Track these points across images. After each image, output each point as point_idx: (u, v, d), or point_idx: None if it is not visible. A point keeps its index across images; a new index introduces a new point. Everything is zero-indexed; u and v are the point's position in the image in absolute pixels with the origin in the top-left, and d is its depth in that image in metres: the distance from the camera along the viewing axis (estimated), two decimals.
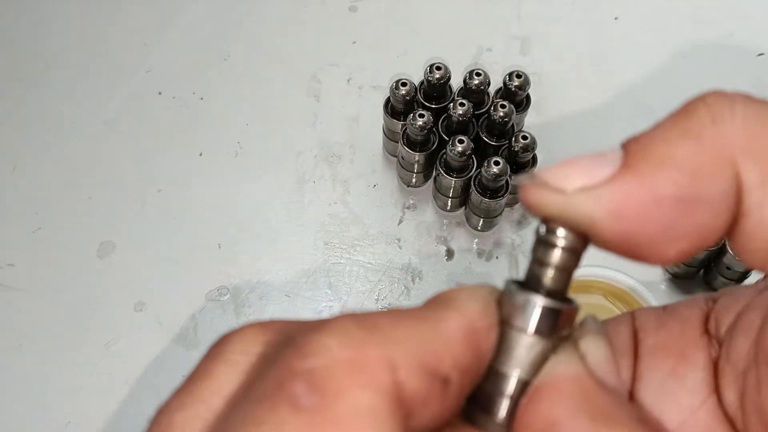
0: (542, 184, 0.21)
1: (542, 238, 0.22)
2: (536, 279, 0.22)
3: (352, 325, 0.19)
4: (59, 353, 0.49)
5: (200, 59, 0.58)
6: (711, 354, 0.24)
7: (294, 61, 0.58)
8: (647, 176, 0.20)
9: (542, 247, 0.22)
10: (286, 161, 0.55)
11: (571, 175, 0.21)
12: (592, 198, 0.20)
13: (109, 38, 0.59)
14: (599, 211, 0.20)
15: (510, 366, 0.21)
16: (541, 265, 0.22)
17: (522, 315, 0.21)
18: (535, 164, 0.50)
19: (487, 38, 0.59)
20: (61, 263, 0.51)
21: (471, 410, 0.22)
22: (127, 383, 0.48)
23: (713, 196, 0.19)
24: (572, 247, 0.21)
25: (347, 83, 0.57)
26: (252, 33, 0.59)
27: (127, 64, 0.58)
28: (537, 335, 0.21)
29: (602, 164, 0.20)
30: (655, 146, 0.20)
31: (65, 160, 0.55)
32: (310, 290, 0.51)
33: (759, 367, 0.22)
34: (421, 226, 0.53)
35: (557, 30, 0.59)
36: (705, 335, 0.25)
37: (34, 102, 0.57)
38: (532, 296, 0.21)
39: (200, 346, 0.49)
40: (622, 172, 0.20)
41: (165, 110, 0.57)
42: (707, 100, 0.20)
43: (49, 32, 0.59)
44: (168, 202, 0.53)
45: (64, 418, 0.47)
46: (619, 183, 0.20)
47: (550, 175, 0.21)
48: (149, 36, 0.59)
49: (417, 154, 0.50)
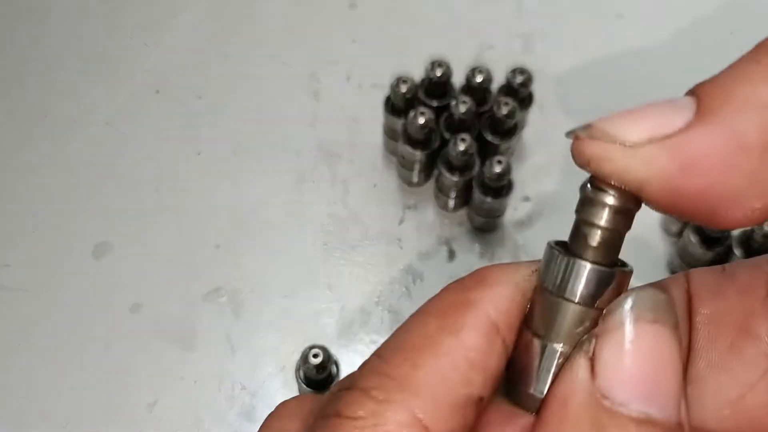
0: (602, 135, 0.18)
1: (590, 197, 0.19)
2: (583, 241, 0.19)
3: (371, 385, 0.19)
4: (56, 354, 0.48)
5: (199, 58, 0.58)
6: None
7: (293, 60, 0.58)
8: (730, 121, 0.17)
9: (590, 207, 0.19)
10: (285, 160, 0.54)
11: (638, 125, 0.18)
12: (666, 149, 0.18)
13: (107, 37, 0.59)
14: (674, 164, 0.17)
15: (552, 339, 0.19)
16: (589, 226, 0.19)
17: (566, 281, 0.19)
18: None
19: (489, 35, 0.58)
20: (57, 264, 0.51)
21: (510, 386, 0.21)
22: (124, 384, 0.47)
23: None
24: (626, 207, 0.19)
25: (347, 81, 0.57)
26: (251, 31, 0.59)
27: (125, 63, 0.58)
28: (582, 303, 0.19)
29: (673, 112, 0.18)
30: (737, 87, 0.18)
31: (62, 160, 0.54)
32: (309, 291, 0.50)
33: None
34: (422, 226, 0.52)
35: (560, 27, 0.59)
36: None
37: (32, 101, 0.56)
38: (578, 260, 0.19)
39: (197, 348, 0.48)
40: (699, 118, 0.18)
41: (163, 109, 0.56)
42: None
43: (47, 32, 0.59)
44: (165, 202, 0.53)
45: (62, 419, 0.47)
46: (697, 131, 0.17)
47: (611, 125, 0.18)
48: (147, 35, 0.59)
49: (418, 152, 0.49)
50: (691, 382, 0.23)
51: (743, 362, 0.23)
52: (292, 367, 0.47)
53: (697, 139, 0.18)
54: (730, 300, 0.23)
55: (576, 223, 0.20)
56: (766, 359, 0.23)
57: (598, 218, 0.19)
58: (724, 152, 0.17)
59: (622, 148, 0.18)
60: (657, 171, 0.18)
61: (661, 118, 0.18)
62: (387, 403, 0.18)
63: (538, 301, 0.20)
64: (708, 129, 0.17)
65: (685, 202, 0.18)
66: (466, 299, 0.20)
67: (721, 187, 0.18)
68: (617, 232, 0.19)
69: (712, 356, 0.23)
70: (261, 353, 0.48)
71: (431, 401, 0.18)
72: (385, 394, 0.19)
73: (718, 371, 0.23)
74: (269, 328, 0.49)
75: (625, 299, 0.19)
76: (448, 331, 0.19)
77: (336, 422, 0.19)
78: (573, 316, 0.19)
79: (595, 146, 0.18)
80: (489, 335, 0.19)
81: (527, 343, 0.20)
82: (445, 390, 0.19)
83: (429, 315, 0.20)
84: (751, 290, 0.23)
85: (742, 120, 0.17)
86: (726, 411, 0.23)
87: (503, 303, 0.20)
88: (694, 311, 0.24)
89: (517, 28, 0.59)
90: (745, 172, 0.17)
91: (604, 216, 0.19)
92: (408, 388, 0.19)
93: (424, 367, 0.19)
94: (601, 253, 0.19)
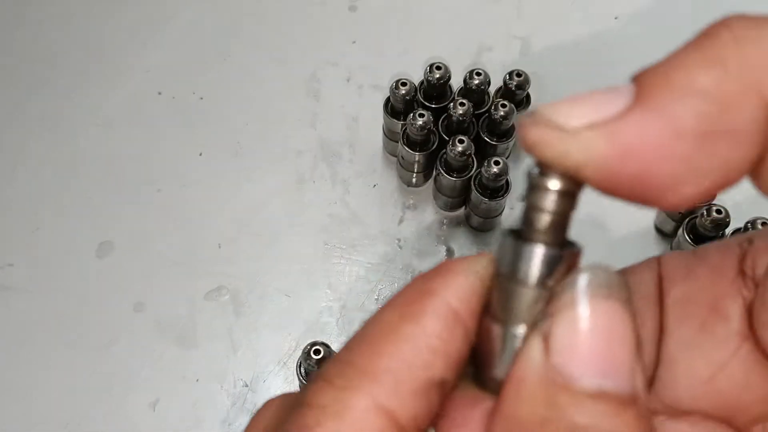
0: (544, 121, 0.19)
1: (535, 182, 0.20)
2: (531, 225, 0.20)
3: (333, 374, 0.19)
4: (58, 353, 0.49)
5: (200, 59, 0.58)
6: (745, 297, 0.23)
7: (293, 61, 0.58)
8: (666, 107, 0.18)
9: (535, 192, 0.20)
10: (286, 161, 0.54)
11: (578, 111, 0.18)
12: (603, 135, 0.18)
13: (108, 38, 0.59)
14: (611, 149, 0.18)
15: (511, 323, 0.20)
16: (535, 211, 0.20)
17: (518, 265, 0.20)
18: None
19: (487, 37, 0.59)
20: (60, 263, 0.51)
21: (476, 372, 0.21)
22: (127, 384, 0.48)
23: (740, 127, 0.17)
24: (570, 190, 0.20)
25: (347, 83, 0.57)
26: (252, 32, 0.59)
27: (126, 64, 0.58)
28: (535, 286, 0.20)
29: (613, 98, 0.18)
30: (674, 74, 0.18)
31: (65, 160, 0.55)
32: (310, 290, 0.51)
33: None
34: (422, 226, 0.53)
35: (557, 29, 0.59)
36: (740, 276, 0.23)
37: (34, 102, 0.57)
38: (527, 244, 0.20)
39: (199, 346, 0.49)
40: (637, 104, 0.18)
41: (164, 110, 0.56)
42: (730, 23, 0.18)
43: (48, 32, 0.59)
44: (167, 202, 0.53)
45: (64, 419, 0.47)
46: (633, 117, 0.18)
47: (553, 110, 0.19)
48: (149, 36, 0.59)
49: (417, 153, 0.50)
50: (663, 363, 0.24)
51: (714, 342, 0.23)
52: (294, 365, 0.47)
53: (634, 124, 0.18)
54: (701, 281, 0.23)
55: (524, 208, 0.20)
56: (737, 338, 0.23)
57: (544, 202, 0.20)
58: (659, 138, 0.18)
59: (563, 133, 0.18)
60: (594, 156, 0.18)
61: (601, 104, 0.18)
62: (349, 390, 0.19)
63: (495, 287, 0.21)
64: (644, 115, 0.18)
65: (622, 185, 0.18)
66: (427, 289, 0.20)
67: (657, 171, 0.18)
68: (563, 214, 0.20)
69: (684, 336, 0.23)
70: (262, 351, 0.49)
71: (393, 386, 0.19)
72: (347, 381, 0.19)
73: (689, 351, 0.23)
74: (270, 326, 0.49)
75: (577, 277, 0.19)
76: (408, 320, 0.20)
77: (301, 412, 0.19)
78: (528, 298, 0.20)
79: (538, 131, 0.19)
80: (449, 321, 0.20)
81: (488, 329, 0.20)
82: (407, 375, 0.19)
83: (392, 306, 0.21)
84: (721, 271, 0.23)
85: (678, 106, 0.18)
86: (699, 390, 0.23)
87: (463, 291, 0.20)
88: (665, 293, 0.24)
89: (514, 31, 0.59)
90: (680, 158, 0.18)
91: (549, 199, 0.20)
92: (369, 375, 0.19)
93: (386, 353, 0.19)
94: (549, 236, 0.20)
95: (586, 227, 0.52)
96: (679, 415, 0.24)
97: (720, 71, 0.18)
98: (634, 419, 0.18)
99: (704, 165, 0.18)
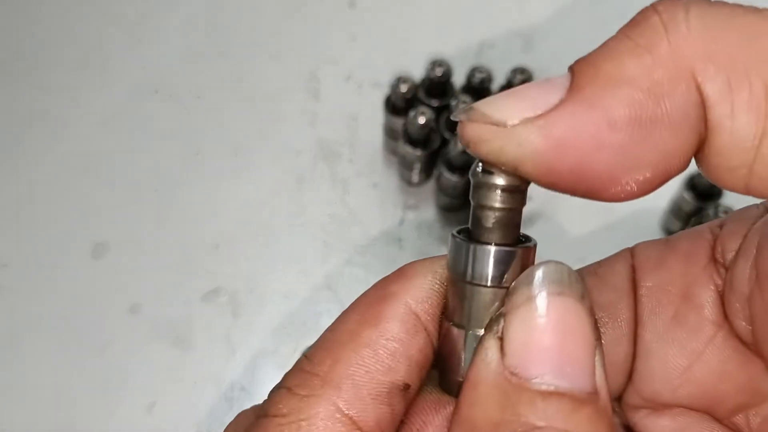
0: (480, 117, 0.18)
1: (479, 180, 0.19)
2: (480, 225, 0.19)
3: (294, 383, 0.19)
4: (53, 355, 0.48)
5: (197, 57, 0.58)
6: (717, 284, 0.22)
7: (292, 59, 0.57)
8: (597, 98, 0.17)
9: (480, 190, 0.19)
10: (285, 160, 0.54)
11: (513, 105, 0.18)
12: (537, 129, 0.18)
13: (104, 37, 0.59)
14: (545, 143, 0.18)
15: (469, 325, 0.19)
16: (482, 209, 0.19)
17: (471, 266, 0.19)
18: None
19: (489, 35, 0.58)
20: (54, 264, 0.51)
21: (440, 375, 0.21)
22: (122, 387, 0.47)
23: (673, 113, 0.17)
24: (514, 186, 0.19)
25: (347, 81, 0.57)
26: (249, 30, 0.59)
27: (121, 62, 0.57)
28: (490, 285, 0.19)
29: (548, 91, 0.18)
30: (604, 64, 0.18)
31: (59, 159, 0.54)
32: (309, 292, 0.50)
33: (763, 292, 0.21)
34: (423, 225, 0.52)
35: (560, 26, 0.59)
36: (711, 264, 0.23)
37: (29, 101, 0.56)
38: (478, 245, 0.19)
39: (196, 349, 0.48)
40: (568, 96, 0.18)
41: (161, 109, 0.56)
42: (658, 7, 0.18)
43: (43, 30, 0.59)
44: (164, 202, 0.53)
45: (58, 422, 0.46)
46: (566, 109, 0.18)
47: (489, 106, 0.18)
48: (144, 32, 0.58)
49: (418, 152, 0.49)
50: (639, 356, 0.23)
51: (688, 331, 0.23)
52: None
53: (566, 117, 0.18)
54: (673, 270, 0.23)
55: (472, 208, 0.20)
56: (711, 327, 0.22)
57: (490, 200, 0.19)
58: (592, 129, 0.17)
59: (498, 129, 0.18)
60: (530, 151, 0.18)
61: (536, 97, 0.18)
62: (310, 398, 0.19)
63: (451, 290, 0.20)
64: (576, 107, 0.18)
65: (562, 179, 0.18)
66: (385, 293, 0.20)
67: (593, 164, 0.18)
68: (511, 210, 0.19)
69: (657, 327, 0.23)
70: (261, 354, 0.48)
71: (354, 393, 0.19)
72: (308, 389, 0.19)
73: (664, 342, 0.23)
74: (269, 328, 0.49)
75: (529, 275, 0.19)
76: (367, 324, 0.20)
77: (264, 422, 0.19)
78: (484, 299, 0.19)
79: (474, 128, 0.18)
80: (409, 324, 0.20)
81: (448, 332, 0.20)
82: (367, 380, 0.19)
83: (352, 312, 0.21)
84: (693, 259, 0.23)
85: (608, 97, 0.17)
86: (676, 381, 0.23)
87: (422, 293, 0.20)
88: (638, 284, 0.23)
89: (517, 28, 0.58)
90: (616, 148, 0.17)
91: (494, 197, 0.19)
92: (330, 382, 0.19)
93: (346, 360, 0.19)
94: (499, 234, 0.19)
95: (590, 228, 0.51)
96: (661, 409, 0.23)
97: (649, 58, 0.17)
98: (590, 417, 0.18)
99: (642, 155, 0.17)
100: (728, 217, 0.23)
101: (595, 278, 0.24)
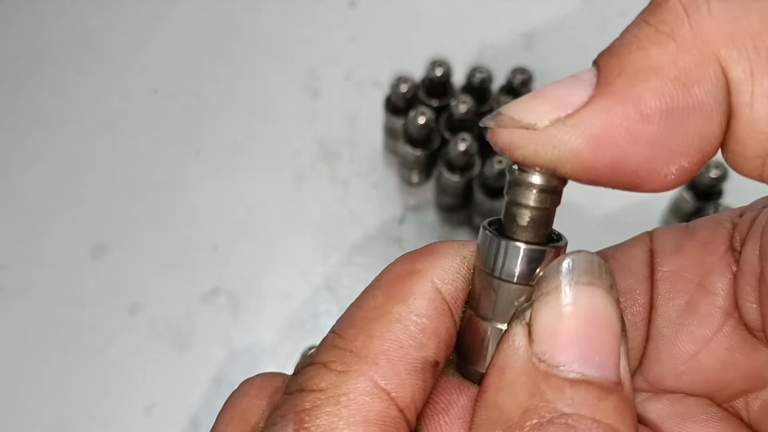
0: (509, 122, 0.18)
1: (516, 178, 0.19)
2: (513, 222, 0.19)
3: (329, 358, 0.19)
4: (52, 356, 0.48)
5: (196, 56, 0.58)
6: (734, 273, 0.22)
7: (292, 58, 0.57)
8: (626, 91, 0.17)
9: (516, 188, 0.19)
10: (284, 160, 0.54)
11: (541, 107, 0.18)
12: (570, 129, 0.17)
13: (103, 36, 0.58)
14: (579, 142, 0.17)
15: (494, 318, 0.20)
16: (517, 207, 0.19)
17: (500, 262, 0.19)
18: None
19: (489, 34, 0.58)
20: (53, 265, 0.50)
21: (459, 362, 0.21)
22: (121, 387, 0.47)
23: (704, 100, 0.17)
24: (551, 186, 0.19)
25: (346, 80, 0.56)
26: (249, 29, 0.58)
27: (121, 62, 0.57)
28: (518, 282, 0.19)
29: (575, 88, 0.18)
30: (629, 55, 0.18)
31: (58, 160, 0.54)
32: (309, 292, 0.50)
33: None
34: (423, 226, 0.52)
35: (561, 26, 0.59)
36: (729, 253, 0.23)
37: (27, 100, 0.56)
38: (510, 241, 0.19)
39: (195, 349, 0.48)
40: (598, 92, 0.18)
41: (160, 108, 0.56)
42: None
43: (42, 30, 0.59)
44: (163, 202, 0.52)
45: (57, 423, 0.46)
46: (596, 106, 0.17)
47: (516, 110, 0.18)
48: (144, 32, 0.58)
49: (418, 152, 0.49)
50: (650, 340, 0.23)
51: (698, 318, 0.23)
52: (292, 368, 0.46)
53: (598, 113, 0.17)
54: (690, 257, 0.23)
55: (506, 203, 0.20)
56: (721, 315, 0.22)
57: (525, 198, 0.19)
58: (625, 123, 0.17)
59: (530, 132, 0.18)
60: (566, 151, 0.18)
61: (564, 96, 0.18)
62: (347, 374, 0.19)
63: (477, 281, 0.20)
64: (607, 102, 0.17)
65: (602, 175, 0.18)
66: (412, 269, 0.20)
67: (630, 158, 0.17)
68: (545, 210, 0.19)
69: (670, 313, 0.23)
70: (260, 354, 0.48)
71: (390, 368, 0.19)
72: (345, 365, 0.19)
73: (675, 328, 0.23)
74: (268, 329, 0.49)
75: (559, 264, 0.19)
76: (396, 300, 0.19)
77: (300, 396, 0.19)
78: (511, 295, 0.19)
79: (505, 134, 0.18)
80: (436, 302, 0.20)
81: (472, 322, 0.20)
82: (402, 356, 0.19)
83: (377, 287, 0.20)
84: (711, 247, 0.23)
85: (638, 88, 0.17)
86: (681, 368, 0.23)
87: (448, 275, 0.20)
88: (655, 268, 0.23)
89: (517, 28, 0.58)
90: (651, 140, 0.17)
91: (530, 196, 0.19)
92: (366, 358, 0.19)
93: (379, 336, 0.19)
94: (531, 232, 0.19)
95: (590, 228, 0.51)
96: (661, 394, 0.23)
97: (674, 45, 0.17)
98: (617, 406, 0.18)
99: (677, 144, 0.17)
100: (748, 206, 0.23)
101: (612, 261, 0.24)
